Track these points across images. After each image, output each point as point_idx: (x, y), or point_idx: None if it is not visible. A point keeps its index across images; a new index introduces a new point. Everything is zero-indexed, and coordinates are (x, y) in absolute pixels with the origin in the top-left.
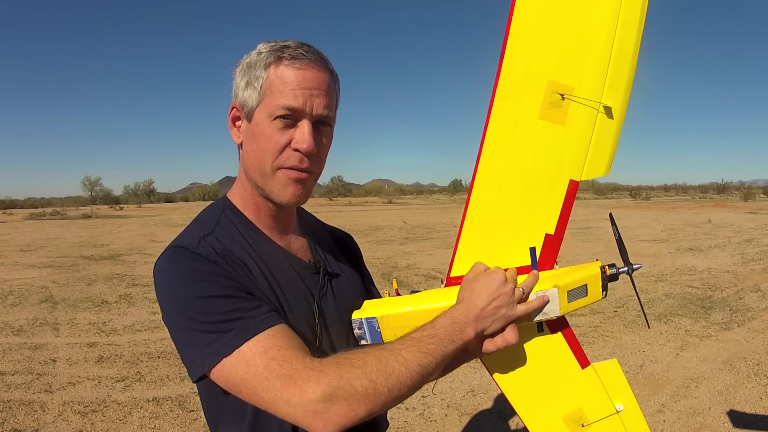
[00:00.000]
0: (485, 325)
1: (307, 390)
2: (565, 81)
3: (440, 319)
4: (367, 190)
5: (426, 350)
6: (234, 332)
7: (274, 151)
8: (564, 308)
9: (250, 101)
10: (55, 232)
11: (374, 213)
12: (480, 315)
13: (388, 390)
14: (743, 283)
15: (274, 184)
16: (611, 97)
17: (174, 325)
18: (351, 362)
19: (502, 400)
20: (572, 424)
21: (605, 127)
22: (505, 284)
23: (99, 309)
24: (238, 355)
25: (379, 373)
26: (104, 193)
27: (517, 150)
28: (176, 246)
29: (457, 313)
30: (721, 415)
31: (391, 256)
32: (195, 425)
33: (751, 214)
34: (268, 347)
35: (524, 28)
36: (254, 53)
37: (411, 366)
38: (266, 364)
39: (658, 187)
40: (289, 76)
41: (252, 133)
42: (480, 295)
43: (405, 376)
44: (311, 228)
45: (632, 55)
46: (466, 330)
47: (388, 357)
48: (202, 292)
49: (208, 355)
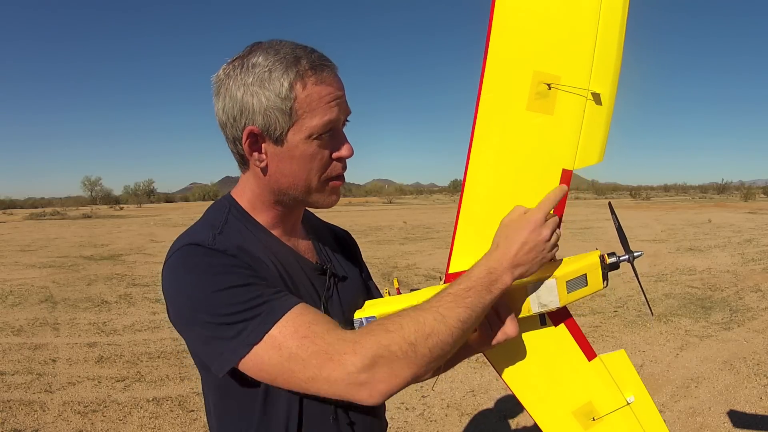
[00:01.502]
0: (522, 272)
1: (345, 363)
2: (551, 70)
3: (476, 270)
4: (367, 190)
5: (464, 304)
6: (261, 317)
7: (320, 168)
8: (564, 299)
9: (276, 125)
10: (55, 232)
11: (374, 213)
12: (515, 261)
13: (429, 350)
14: (743, 283)
15: (321, 196)
16: (599, 83)
17: (192, 322)
18: (386, 327)
19: (502, 400)
20: (583, 418)
21: (595, 114)
22: (541, 229)
23: (99, 309)
24: (268, 341)
25: (417, 334)
26: (104, 193)
27: (507, 143)
28: (190, 243)
29: (492, 262)
30: (721, 415)
31: (391, 256)
32: (195, 425)
33: (751, 214)
34: (297, 326)
35: (506, 20)
36: (259, 70)
37: (450, 322)
38: (299, 344)
39: (658, 187)
40: (320, 91)
41: (288, 156)
42: (515, 241)
43: (445, 334)
44: (314, 228)
45: (618, 40)
46: (503, 278)
47: (426, 316)
48: (223, 284)
49: (238, 346)
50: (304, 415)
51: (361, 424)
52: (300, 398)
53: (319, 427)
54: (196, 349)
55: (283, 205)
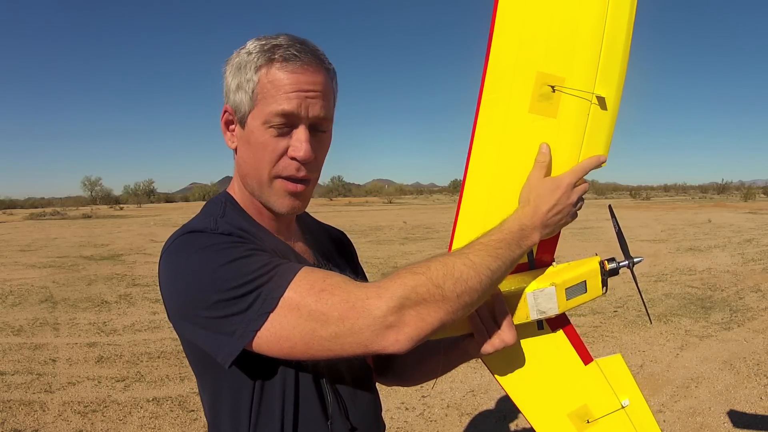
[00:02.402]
0: (548, 231)
1: (370, 308)
2: (555, 72)
3: (508, 223)
4: (367, 190)
5: (495, 254)
6: (272, 282)
7: (270, 160)
8: (562, 306)
9: (242, 106)
10: (55, 232)
11: (374, 213)
12: (545, 221)
13: (457, 295)
14: (743, 283)
15: (271, 193)
16: (604, 86)
17: (196, 307)
18: (413, 270)
19: (502, 400)
20: (578, 421)
21: (599, 118)
22: (570, 195)
23: (99, 309)
24: (285, 304)
25: (446, 278)
26: (104, 193)
27: (508, 145)
28: (192, 231)
29: (524, 218)
30: (721, 415)
31: (391, 256)
32: (195, 425)
33: (751, 214)
34: (312, 282)
35: (510, 18)
36: (244, 52)
37: (480, 269)
38: (317, 298)
39: (658, 187)
40: (282, 79)
41: (246, 140)
42: (545, 202)
43: (474, 280)
44: (309, 229)
45: (624, 43)
46: (533, 235)
47: (455, 261)
48: (228, 257)
49: (253, 318)
50: (300, 415)
51: (358, 423)
52: (295, 398)
53: (315, 426)
54: (199, 339)
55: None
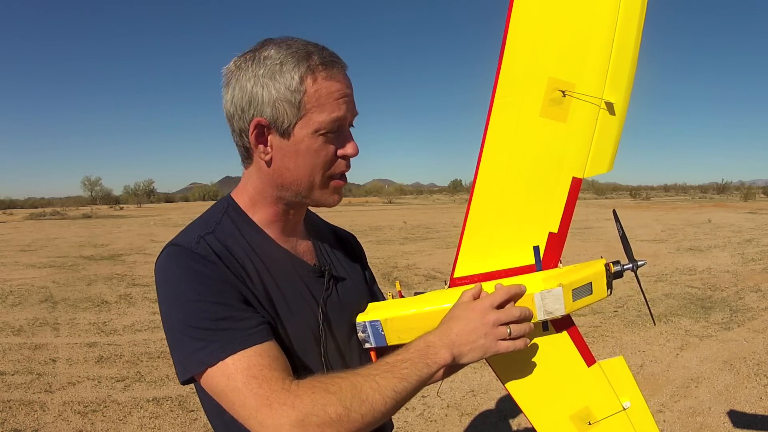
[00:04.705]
0: (462, 351)
1: (281, 413)
2: (566, 77)
3: (415, 343)
4: (367, 190)
5: (400, 375)
6: (219, 343)
7: (325, 164)
8: (569, 307)
9: (284, 117)
10: (55, 232)
11: (374, 213)
12: (455, 340)
13: (361, 416)
14: (743, 283)
15: (323, 193)
16: (613, 92)
17: (166, 323)
18: (327, 387)
19: (502, 400)
20: (579, 423)
21: (607, 123)
22: (486, 315)
23: (99, 309)
24: (221, 367)
25: (353, 400)
26: (104, 193)
27: (519, 148)
28: (174, 244)
29: (432, 337)
30: (721, 415)
31: (391, 256)
32: (195, 425)
33: (751, 214)
34: (251, 364)
35: (523, 25)
36: (272, 63)
37: (385, 392)
38: (246, 382)
39: (658, 187)
40: (329, 87)
41: (293, 150)
42: (458, 321)
43: (379, 403)
44: (316, 229)
45: (633, 50)
46: (441, 353)
47: (363, 383)
48: (195, 295)
49: (193, 363)
50: None
51: None
52: None
53: None
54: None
55: (285, 203)
